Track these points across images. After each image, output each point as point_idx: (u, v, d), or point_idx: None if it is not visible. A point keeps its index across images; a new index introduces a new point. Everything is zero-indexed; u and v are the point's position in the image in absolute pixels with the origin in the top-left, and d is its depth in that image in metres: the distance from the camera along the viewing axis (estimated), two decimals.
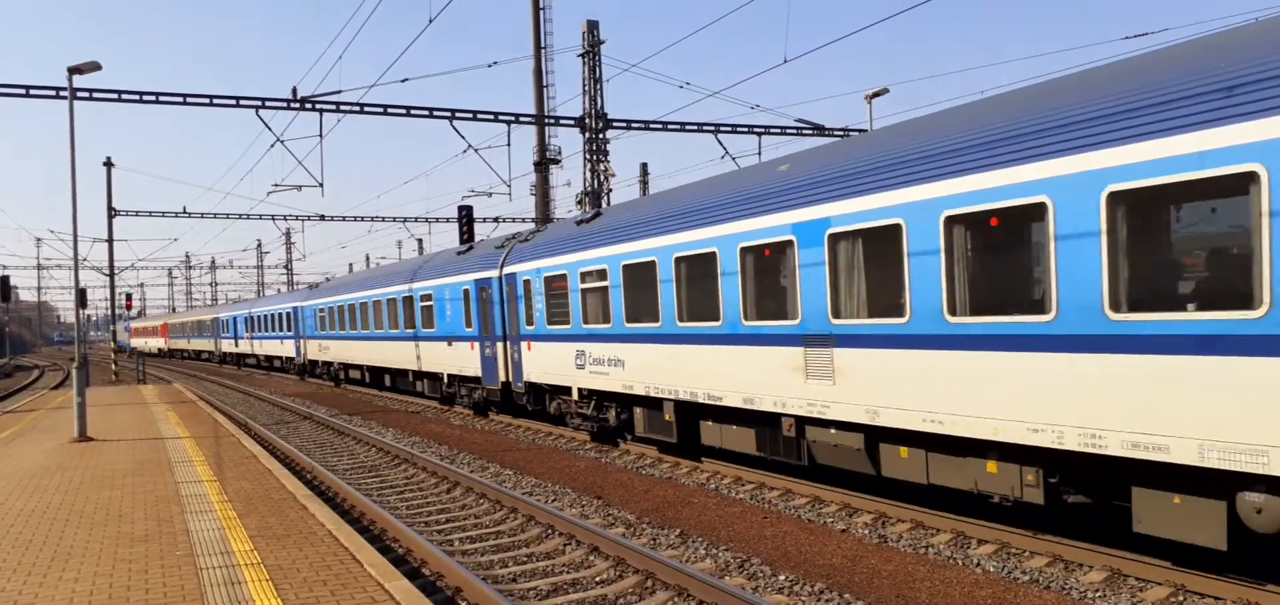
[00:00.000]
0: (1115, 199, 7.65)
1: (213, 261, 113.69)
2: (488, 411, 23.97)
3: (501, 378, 21.16)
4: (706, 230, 13.08)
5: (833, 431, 11.36)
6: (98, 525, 10.36)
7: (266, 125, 26.59)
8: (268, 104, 26.10)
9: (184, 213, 46.81)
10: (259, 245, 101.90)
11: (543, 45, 34.10)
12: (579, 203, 34.79)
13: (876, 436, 10.77)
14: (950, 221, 9.13)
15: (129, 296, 58.83)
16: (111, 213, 41.65)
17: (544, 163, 35.25)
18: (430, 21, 22.17)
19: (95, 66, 20.49)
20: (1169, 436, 7.38)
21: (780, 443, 12.53)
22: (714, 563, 9.64)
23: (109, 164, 41.16)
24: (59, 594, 7.72)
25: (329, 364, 39.35)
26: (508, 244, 21.34)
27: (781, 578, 9.01)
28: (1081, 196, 7.89)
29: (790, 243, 11.44)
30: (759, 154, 32.06)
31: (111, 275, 42.87)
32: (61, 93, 23.67)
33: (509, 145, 30.88)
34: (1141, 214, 7.64)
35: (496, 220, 48.77)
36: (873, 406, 10.36)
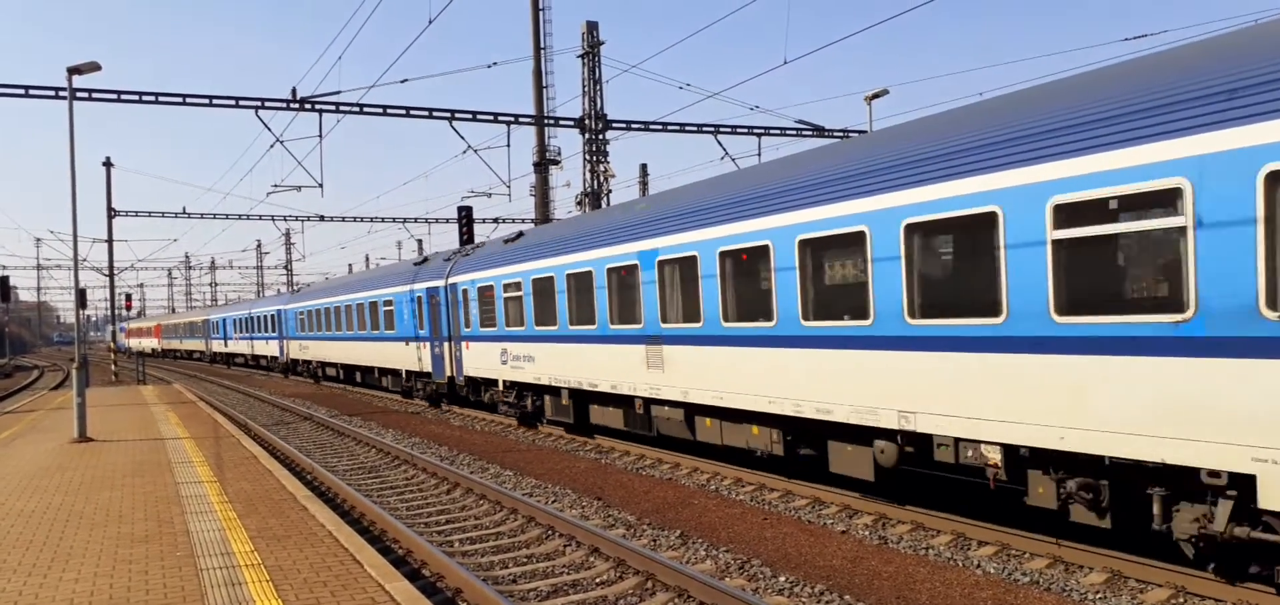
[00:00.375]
0: (804, 245, 11.30)
1: (212, 262, 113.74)
2: (439, 402, 27.32)
3: (447, 373, 24.70)
4: (586, 254, 16.57)
5: (666, 408, 14.78)
6: (98, 526, 10.36)
7: (266, 126, 26.60)
8: (267, 104, 26.11)
9: (184, 213, 46.84)
10: (258, 246, 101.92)
11: (542, 46, 34.11)
12: (579, 203, 34.80)
13: (692, 411, 14.29)
14: (723, 256, 12.77)
15: (129, 297, 58.78)
16: (111, 213, 41.64)
17: (543, 163, 35.24)
18: (430, 22, 22.19)
19: (95, 67, 20.49)
20: (833, 404, 10.89)
21: (636, 418, 15.97)
22: (714, 564, 9.64)
23: (108, 164, 41.16)
24: (59, 595, 7.71)
25: (308, 362, 42.76)
26: (453, 257, 25.00)
27: (782, 579, 9.01)
28: (788, 243, 11.51)
29: (636, 265, 14.87)
30: (758, 155, 32.08)
31: (111, 276, 42.87)
32: (61, 93, 23.67)
33: (509, 146, 30.96)
34: (819, 253, 11.25)
35: (496, 221, 48.74)
36: (686, 388, 13.85)
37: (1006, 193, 8.54)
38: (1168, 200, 7.32)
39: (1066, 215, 8.03)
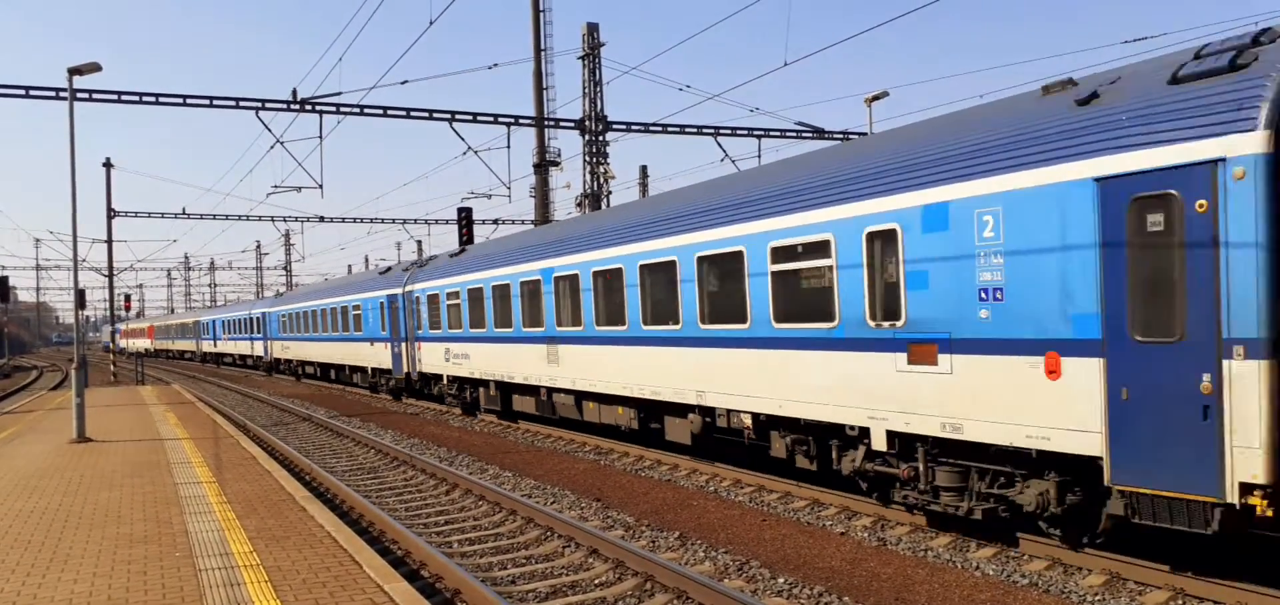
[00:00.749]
0: (643, 268, 15.10)
1: (212, 263, 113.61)
2: (400, 395, 31.38)
3: (404, 369, 28.36)
4: (504, 269, 20.63)
5: (562, 395, 18.46)
6: (97, 526, 10.36)
7: (266, 127, 26.61)
8: (268, 105, 26.10)
9: (183, 214, 46.84)
10: (258, 247, 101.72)
11: (543, 47, 34.09)
12: (579, 205, 34.79)
13: (580, 397, 17.87)
14: (595, 274, 16.50)
15: (128, 297, 58.73)
16: (111, 214, 41.63)
17: (543, 165, 35.22)
18: (431, 23, 22.18)
19: (95, 68, 20.48)
20: (663, 388, 14.65)
21: (543, 405, 19.51)
22: (713, 565, 9.64)
23: (108, 165, 41.15)
24: (58, 595, 7.71)
25: (289, 361, 46.56)
26: (411, 268, 28.93)
27: (781, 580, 9.01)
28: (633, 265, 15.34)
29: (539, 280, 18.73)
30: (759, 156, 32.08)
31: (110, 276, 42.85)
32: (61, 93, 23.67)
33: (509, 147, 30.91)
34: (653, 274, 14.80)
35: (496, 222, 48.76)
36: (575, 379, 17.61)
37: (748, 238, 12.41)
38: (824, 248, 11.04)
39: (777, 255, 11.85)
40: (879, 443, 10.36)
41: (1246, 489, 7.03)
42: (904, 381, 9.98)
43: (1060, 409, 8.32)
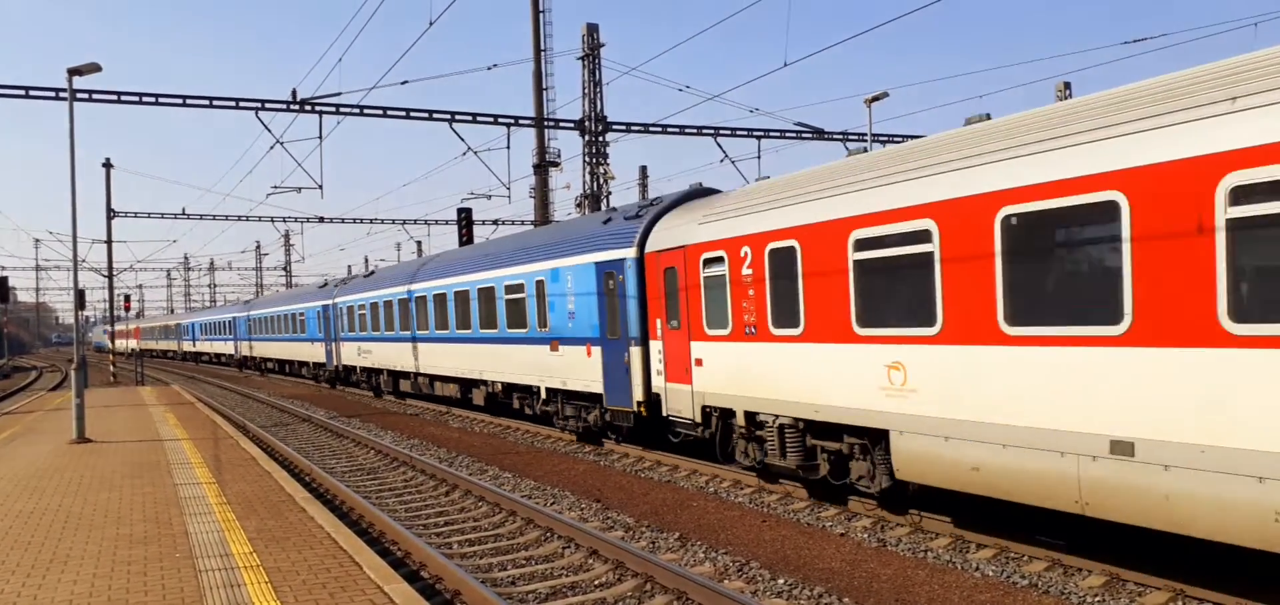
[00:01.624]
0: (473, 292, 23.31)
1: (211, 263, 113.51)
2: (336, 383, 39.67)
3: (334, 363, 38.17)
4: (388, 290, 29.88)
5: (421, 378, 27.28)
6: (97, 527, 10.36)
7: (266, 127, 26.62)
8: (267, 105, 26.11)
9: (183, 214, 46.84)
10: (258, 247, 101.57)
11: (542, 48, 34.09)
12: (578, 205, 34.79)
13: (432, 379, 26.51)
14: (435, 297, 25.34)
15: (127, 298, 58.72)
16: (110, 214, 41.61)
17: (543, 165, 35.23)
18: (431, 23, 22.18)
19: (95, 68, 20.47)
20: (470, 371, 23.55)
21: (414, 384, 27.95)
22: (713, 566, 9.64)
23: (108, 165, 41.13)
24: (58, 597, 7.71)
25: (256, 358, 55.97)
26: (339, 284, 38.88)
27: (781, 581, 9.01)
28: (470, 290, 23.33)
29: (408, 298, 27.59)
30: (758, 157, 32.11)
31: (110, 277, 42.83)
32: (61, 93, 23.67)
33: (509, 148, 30.95)
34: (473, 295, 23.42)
35: (496, 222, 48.73)
36: (434, 367, 26.07)
37: (495, 279, 21.53)
38: (521, 289, 20.19)
39: (510, 289, 20.67)
40: (543, 394, 19.59)
41: (640, 403, 15.80)
42: (551, 360, 18.93)
43: (593, 371, 17.28)
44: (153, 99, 25.63)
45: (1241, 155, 6.77)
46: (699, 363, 14.03)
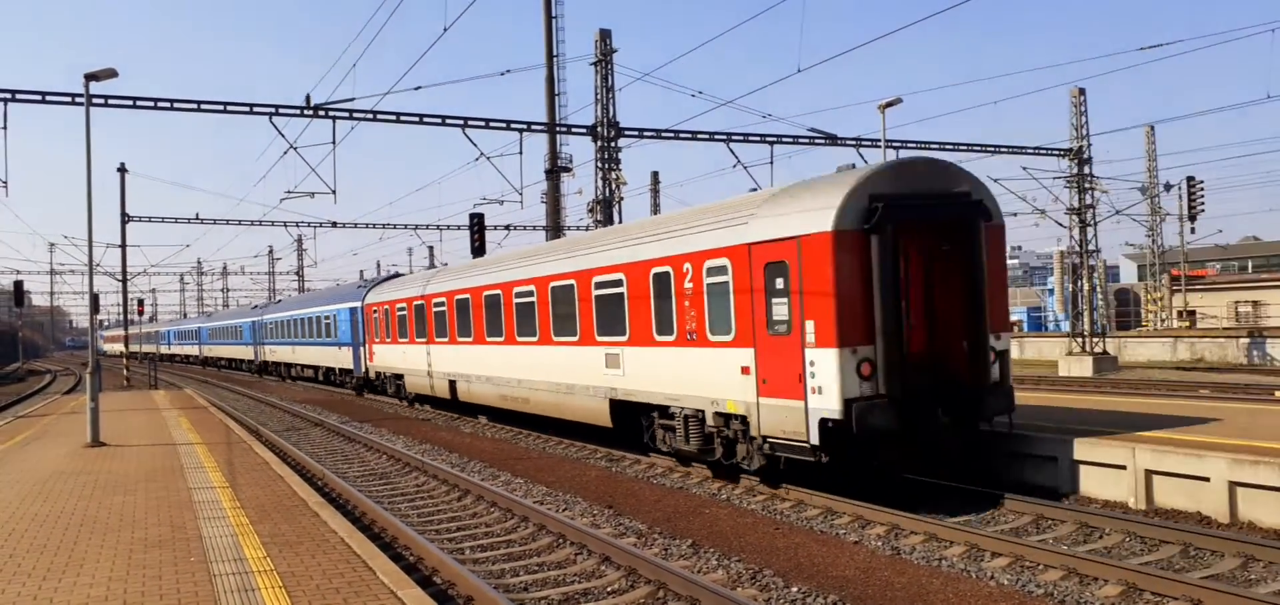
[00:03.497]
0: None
1: (225, 267, 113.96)
2: (263, 374, 52.87)
3: (258, 360, 53.17)
4: (326, 308, 41.40)
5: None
6: (111, 531, 10.40)
7: (280, 133, 26.74)
8: (281, 111, 26.22)
9: (196, 219, 47.08)
10: (271, 251, 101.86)
11: (555, 54, 34.14)
12: (590, 211, 34.78)
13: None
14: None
15: (140, 302, 59.07)
16: (125, 218, 41.86)
17: (555, 171, 35.26)
18: (445, 30, 22.25)
19: (112, 73, 20.59)
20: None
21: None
22: (726, 574, 9.61)
23: (123, 170, 41.38)
24: (74, 599, 7.74)
25: (213, 359, 71.34)
26: (263, 307, 52.10)
27: (794, 589, 8.97)
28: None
29: (336, 314, 39.57)
30: (771, 162, 32.06)
31: (124, 281, 43.08)
32: (77, 99, 23.82)
33: (521, 153, 30.93)
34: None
35: (508, 228, 48.82)
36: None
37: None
38: (343, 313, 37.63)
39: (362, 314, 34.11)
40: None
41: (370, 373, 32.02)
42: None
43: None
44: (168, 104, 25.76)
45: (620, 267, 16.26)
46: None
